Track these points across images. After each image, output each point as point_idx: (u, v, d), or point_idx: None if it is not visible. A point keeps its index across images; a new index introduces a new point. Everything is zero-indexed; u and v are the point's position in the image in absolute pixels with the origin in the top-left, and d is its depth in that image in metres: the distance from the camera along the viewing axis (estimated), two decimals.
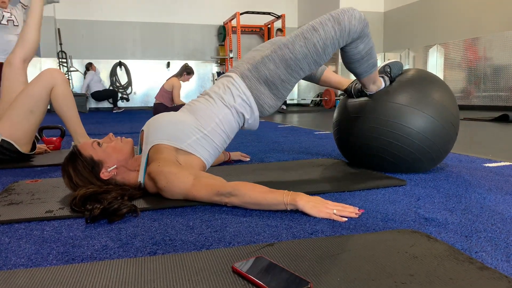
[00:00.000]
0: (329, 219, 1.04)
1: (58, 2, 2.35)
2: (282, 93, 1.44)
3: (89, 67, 8.86)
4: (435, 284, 0.66)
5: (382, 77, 1.59)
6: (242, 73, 1.44)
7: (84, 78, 8.88)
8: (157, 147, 1.29)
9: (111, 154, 1.27)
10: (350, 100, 1.71)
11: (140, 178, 1.29)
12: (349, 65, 1.46)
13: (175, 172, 1.19)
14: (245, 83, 1.42)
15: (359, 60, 1.42)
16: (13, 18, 5.21)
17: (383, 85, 1.58)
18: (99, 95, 8.86)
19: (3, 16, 5.13)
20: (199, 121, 1.38)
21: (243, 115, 1.44)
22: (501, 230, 0.95)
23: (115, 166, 1.27)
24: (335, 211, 1.05)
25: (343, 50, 1.40)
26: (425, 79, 1.56)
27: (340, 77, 1.80)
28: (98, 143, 1.28)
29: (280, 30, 8.46)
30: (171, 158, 1.25)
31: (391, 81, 1.60)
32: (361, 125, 1.59)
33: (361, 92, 1.63)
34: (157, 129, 1.34)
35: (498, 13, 6.15)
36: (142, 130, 1.42)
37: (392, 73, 1.59)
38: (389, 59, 1.65)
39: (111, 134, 1.33)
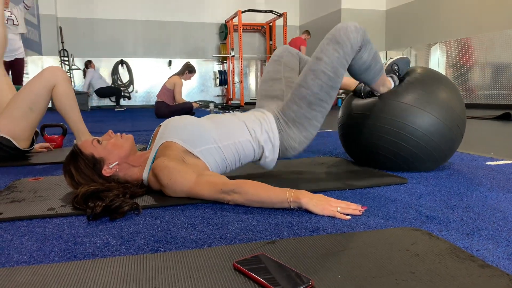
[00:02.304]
0: (331, 217, 1.04)
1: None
2: (310, 132, 1.43)
3: (88, 64, 8.84)
4: (436, 281, 0.67)
5: (391, 76, 1.58)
6: (275, 114, 1.45)
7: (85, 77, 8.85)
8: (168, 144, 1.29)
9: (112, 150, 1.27)
10: (356, 98, 1.71)
11: (145, 173, 1.30)
12: (358, 77, 1.47)
13: (179, 169, 1.19)
14: (277, 124, 1.43)
15: (367, 69, 1.42)
16: (13, 17, 5.24)
17: (392, 85, 1.58)
18: (103, 92, 8.79)
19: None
20: (218, 133, 1.36)
21: (263, 150, 1.42)
22: (503, 228, 0.95)
23: (117, 162, 1.27)
24: (339, 208, 1.05)
25: (349, 64, 1.40)
26: (432, 79, 1.56)
27: (348, 78, 1.79)
28: (98, 141, 1.28)
29: (307, 32, 8.38)
30: (177, 156, 1.25)
31: (400, 80, 1.59)
32: (367, 123, 1.59)
33: (371, 94, 1.63)
34: (176, 128, 1.34)
35: (501, 11, 6.13)
36: (160, 125, 1.42)
37: (400, 70, 1.59)
38: (391, 58, 1.64)
39: (110, 131, 1.33)
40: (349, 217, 1.03)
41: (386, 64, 1.61)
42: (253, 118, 1.44)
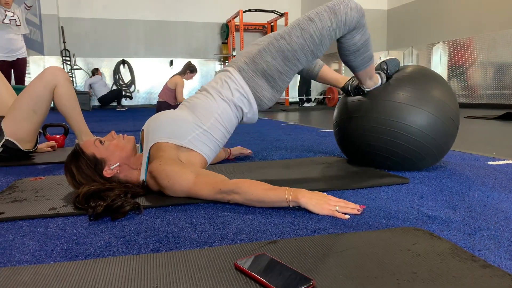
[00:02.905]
0: (332, 217, 1.04)
1: None
2: (280, 85, 1.44)
3: (95, 72, 8.94)
4: (437, 282, 0.66)
5: (379, 73, 1.58)
6: (239, 66, 1.43)
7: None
8: (158, 145, 1.29)
9: (113, 151, 1.27)
10: (349, 99, 1.71)
11: (142, 176, 1.30)
12: (345, 58, 1.46)
13: (177, 170, 1.19)
14: (243, 76, 1.42)
15: (355, 52, 1.41)
16: (15, 17, 5.24)
17: (379, 82, 1.58)
18: (105, 99, 8.85)
19: (6, 15, 5.16)
20: (198, 117, 1.38)
21: (242, 109, 1.44)
22: (504, 228, 0.94)
23: (118, 164, 1.27)
24: (337, 207, 1.05)
25: (339, 41, 1.40)
26: (423, 75, 1.56)
27: (338, 74, 1.80)
28: (100, 141, 1.28)
29: None
30: (172, 156, 1.25)
31: (388, 78, 1.60)
32: (362, 125, 1.59)
33: (358, 89, 1.63)
34: (157, 127, 1.34)
35: (502, 10, 6.11)
36: (143, 129, 1.42)
37: (388, 70, 1.59)
38: (380, 57, 1.65)
39: (113, 131, 1.33)
40: (347, 216, 1.03)
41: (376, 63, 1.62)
42: (220, 82, 1.44)
